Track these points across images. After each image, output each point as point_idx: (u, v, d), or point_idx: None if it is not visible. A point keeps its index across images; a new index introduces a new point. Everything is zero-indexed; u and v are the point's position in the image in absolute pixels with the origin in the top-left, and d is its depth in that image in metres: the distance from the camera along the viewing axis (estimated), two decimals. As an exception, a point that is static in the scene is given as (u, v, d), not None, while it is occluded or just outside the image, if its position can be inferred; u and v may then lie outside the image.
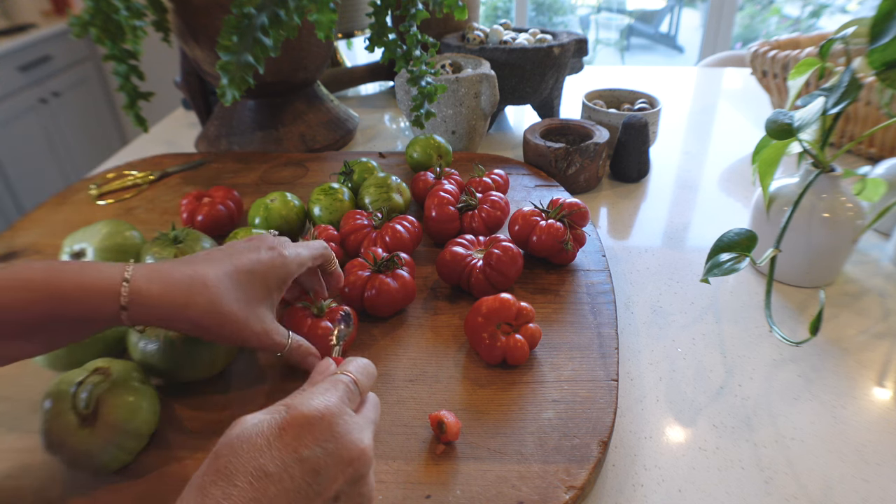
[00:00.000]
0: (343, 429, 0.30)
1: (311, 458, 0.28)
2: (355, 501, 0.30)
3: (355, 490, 0.30)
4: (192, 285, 0.38)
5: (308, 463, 0.28)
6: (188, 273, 0.38)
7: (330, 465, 0.28)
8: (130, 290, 0.36)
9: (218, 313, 0.38)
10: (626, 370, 0.51)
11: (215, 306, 0.38)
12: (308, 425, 0.29)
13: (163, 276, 0.37)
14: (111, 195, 0.79)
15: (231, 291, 0.39)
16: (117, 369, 0.41)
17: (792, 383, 0.49)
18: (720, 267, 0.51)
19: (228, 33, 0.60)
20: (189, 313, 0.37)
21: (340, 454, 0.29)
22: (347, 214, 0.62)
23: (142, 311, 0.36)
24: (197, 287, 0.38)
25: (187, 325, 0.38)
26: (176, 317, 0.37)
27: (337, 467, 0.29)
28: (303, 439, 0.28)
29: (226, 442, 0.28)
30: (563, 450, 0.40)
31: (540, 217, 0.59)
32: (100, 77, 2.64)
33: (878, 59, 0.49)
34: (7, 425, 0.45)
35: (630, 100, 0.91)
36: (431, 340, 0.51)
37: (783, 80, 0.90)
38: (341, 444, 0.29)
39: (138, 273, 0.37)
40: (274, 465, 0.27)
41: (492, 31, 0.97)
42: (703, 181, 0.83)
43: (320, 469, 0.28)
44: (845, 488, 0.40)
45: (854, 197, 0.57)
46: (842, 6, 3.58)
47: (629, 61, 4.49)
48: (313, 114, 0.94)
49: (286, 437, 0.28)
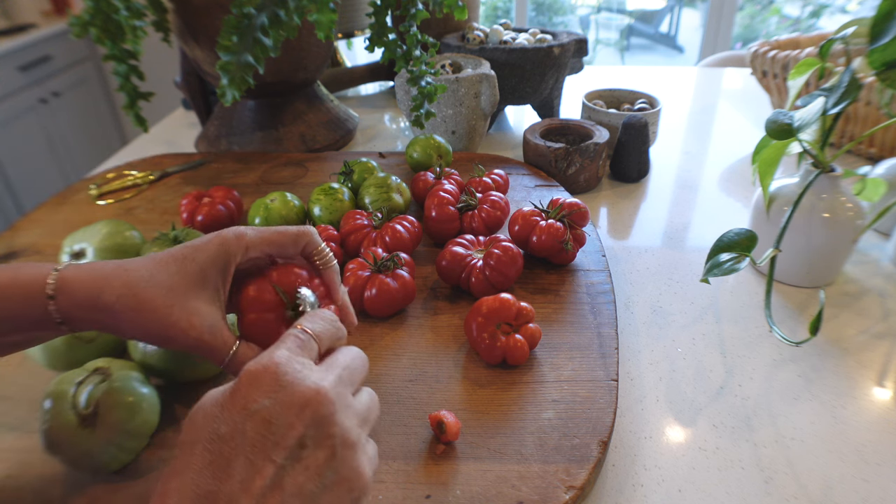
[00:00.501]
0: (291, 376, 0.28)
1: (261, 411, 0.27)
2: (326, 444, 0.28)
3: (322, 433, 0.28)
4: (113, 271, 0.34)
5: (258, 416, 0.27)
6: (116, 262, 0.35)
7: (281, 412, 0.27)
8: (58, 278, 0.33)
9: (133, 297, 0.33)
10: (626, 370, 0.51)
11: (131, 289, 0.34)
12: (255, 381, 0.28)
13: (92, 266, 0.35)
14: (111, 195, 0.79)
15: (154, 277, 0.34)
16: (117, 369, 0.41)
17: (792, 383, 0.49)
18: (720, 267, 0.51)
19: (228, 33, 0.60)
20: (104, 298, 0.33)
21: (291, 400, 0.28)
22: (347, 214, 0.62)
23: (68, 303, 0.33)
24: (116, 272, 0.34)
25: (104, 315, 0.34)
26: (94, 305, 0.34)
27: (290, 413, 0.28)
28: (251, 395, 0.28)
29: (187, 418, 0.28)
30: (563, 450, 0.40)
31: (540, 217, 0.59)
32: (100, 77, 2.64)
33: (878, 59, 0.49)
34: (7, 425, 0.45)
35: (630, 100, 0.91)
36: (431, 340, 0.51)
37: (783, 80, 0.90)
38: (291, 391, 0.28)
39: (71, 265, 0.35)
40: (226, 426, 0.27)
41: (492, 31, 0.97)
42: (703, 181, 0.83)
43: (272, 419, 0.27)
44: (845, 488, 0.41)
45: (854, 197, 0.57)
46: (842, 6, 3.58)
47: (629, 61, 4.49)
48: (313, 114, 0.94)
49: (236, 397, 0.28)
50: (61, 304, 0.33)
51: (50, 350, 0.46)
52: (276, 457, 0.27)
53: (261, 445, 0.27)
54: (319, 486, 0.27)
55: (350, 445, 0.29)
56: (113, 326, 0.34)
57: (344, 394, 0.30)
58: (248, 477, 0.26)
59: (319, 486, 0.27)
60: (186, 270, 0.35)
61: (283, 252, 0.38)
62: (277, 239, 0.38)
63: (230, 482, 0.26)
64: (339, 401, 0.30)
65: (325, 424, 0.28)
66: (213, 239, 0.36)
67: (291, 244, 0.38)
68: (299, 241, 0.38)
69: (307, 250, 0.39)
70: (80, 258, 0.54)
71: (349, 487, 0.28)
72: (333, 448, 0.28)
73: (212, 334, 0.35)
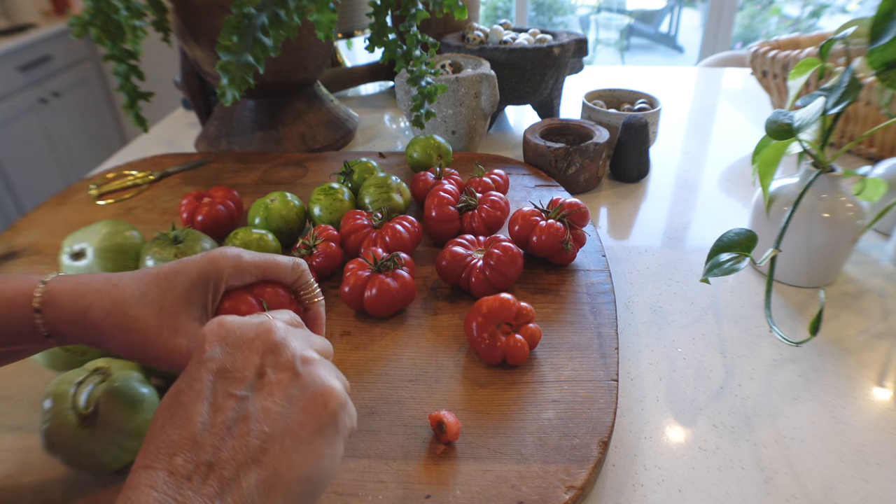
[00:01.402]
0: (237, 322, 0.29)
1: (214, 358, 0.28)
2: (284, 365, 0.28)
3: (279, 357, 0.28)
4: (102, 287, 0.34)
5: (211, 362, 0.28)
6: (104, 277, 0.35)
7: (233, 352, 0.28)
8: (45, 291, 0.33)
9: (122, 315, 0.33)
10: (626, 370, 0.51)
11: (119, 307, 0.33)
12: (203, 339, 0.29)
13: (79, 279, 0.34)
14: (111, 195, 0.79)
15: (144, 294, 0.34)
16: (117, 369, 0.41)
17: (792, 383, 0.49)
18: (720, 267, 0.51)
19: (228, 33, 0.60)
20: (91, 316, 0.33)
21: (240, 339, 0.29)
22: (347, 214, 0.62)
23: (54, 316, 0.33)
24: (105, 288, 0.34)
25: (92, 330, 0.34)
26: (81, 320, 0.33)
27: (242, 349, 0.28)
28: (202, 350, 0.28)
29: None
30: (563, 450, 0.40)
31: (540, 217, 0.59)
32: (100, 77, 2.64)
33: (878, 59, 0.49)
34: (7, 425, 0.45)
35: (630, 100, 0.91)
36: (431, 340, 0.51)
37: (783, 80, 0.90)
38: (238, 333, 0.29)
39: (58, 277, 0.34)
40: (183, 382, 0.27)
41: (492, 31, 0.97)
42: (703, 181, 0.83)
43: (225, 361, 0.28)
44: (845, 488, 0.40)
45: (854, 197, 0.57)
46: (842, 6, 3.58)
47: (629, 61, 4.49)
48: (313, 114, 0.94)
49: (192, 359, 0.28)
50: (48, 317, 0.33)
51: (50, 350, 0.46)
52: (235, 391, 0.27)
53: (220, 385, 0.27)
54: (286, 405, 0.27)
55: (309, 361, 0.29)
56: (99, 342, 0.34)
57: (293, 330, 0.31)
58: (210, 416, 0.26)
59: (286, 405, 0.27)
60: (176, 288, 0.35)
61: (277, 279, 0.39)
62: (273, 268, 0.38)
63: (191, 425, 0.26)
64: (289, 331, 0.30)
65: (280, 349, 0.29)
66: (206, 255, 0.36)
67: (286, 274, 0.38)
68: (294, 272, 0.39)
69: (297, 283, 0.39)
70: (80, 258, 0.54)
71: (322, 403, 0.28)
72: (293, 367, 0.28)
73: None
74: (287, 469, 0.26)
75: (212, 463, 0.25)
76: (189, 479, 0.24)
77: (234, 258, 0.36)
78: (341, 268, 0.58)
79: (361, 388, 0.46)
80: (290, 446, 0.26)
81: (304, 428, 0.27)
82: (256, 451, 0.26)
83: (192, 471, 0.24)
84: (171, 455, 0.25)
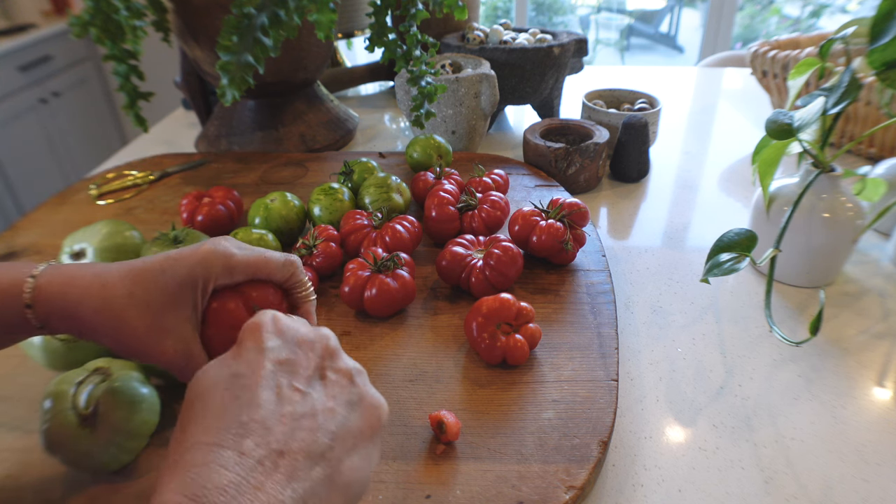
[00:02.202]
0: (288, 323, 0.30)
1: (274, 348, 0.28)
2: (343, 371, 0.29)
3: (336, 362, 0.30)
4: (91, 283, 0.33)
5: (273, 352, 0.28)
6: (93, 271, 0.34)
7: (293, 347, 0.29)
8: (35, 287, 0.33)
9: (109, 313, 0.33)
10: (626, 370, 0.51)
11: (107, 304, 0.33)
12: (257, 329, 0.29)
13: (70, 272, 0.34)
14: (111, 195, 0.79)
15: (131, 295, 0.33)
16: (117, 369, 0.41)
17: (792, 383, 0.49)
18: (720, 267, 0.51)
19: (228, 33, 0.60)
20: (81, 312, 0.33)
21: (298, 337, 0.29)
22: (347, 214, 0.62)
23: (45, 311, 0.33)
24: (94, 285, 0.33)
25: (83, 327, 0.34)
26: (71, 316, 0.33)
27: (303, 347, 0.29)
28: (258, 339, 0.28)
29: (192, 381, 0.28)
30: (563, 450, 0.40)
31: (540, 217, 0.59)
32: (100, 77, 2.64)
33: (878, 59, 0.49)
34: (7, 425, 0.45)
35: (630, 100, 0.91)
36: (431, 340, 0.51)
37: (783, 80, 0.90)
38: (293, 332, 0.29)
39: (47, 270, 0.34)
40: (243, 366, 0.27)
41: (492, 31, 0.97)
42: (703, 181, 0.83)
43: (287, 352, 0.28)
44: (845, 488, 0.40)
45: (854, 197, 0.57)
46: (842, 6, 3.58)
47: (629, 61, 4.49)
48: (313, 114, 0.94)
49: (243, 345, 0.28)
50: (39, 312, 0.33)
51: (50, 350, 0.46)
52: (299, 385, 0.27)
53: (284, 376, 0.27)
54: (348, 410, 0.28)
55: (362, 372, 0.30)
56: (89, 336, 0.34)
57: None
58: (277, 405, 0.26)
59: (348, 410, 0.28)
60: (164, 286, 0.34)
61: (268, 278, 0.38)
62: (264, 264, 0.37)
63: (260, 411, 0.25)
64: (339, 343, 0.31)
65: (337, 355, 0.30)
66: (197, 253, 0.35)
67: (277, 271, 0.37)
68: (286, 269, 0.38)
69: (290, 281, 0.38)
70: (80, 258, 0.54)
71: (378, 415, 0.29)
72: (351, 375, 0.29)
73: (184, 357, 0.35)
74: (347, 469, 0.27)
75: (282, 451, 0.25)
76: (261, 463, 0.24)
77: (223, 257, 0.35)
78: (341, 268, 0.58)
79: (361, 388, 0.46)
80: (350, 448, 0.27)
81: (362, 433, 0.28)
82: (324, 448, 0.26)
83: (263, 456, 0.24)
84: (240, 436, 0.24)
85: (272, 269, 0.37)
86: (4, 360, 0.51)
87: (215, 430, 0.25)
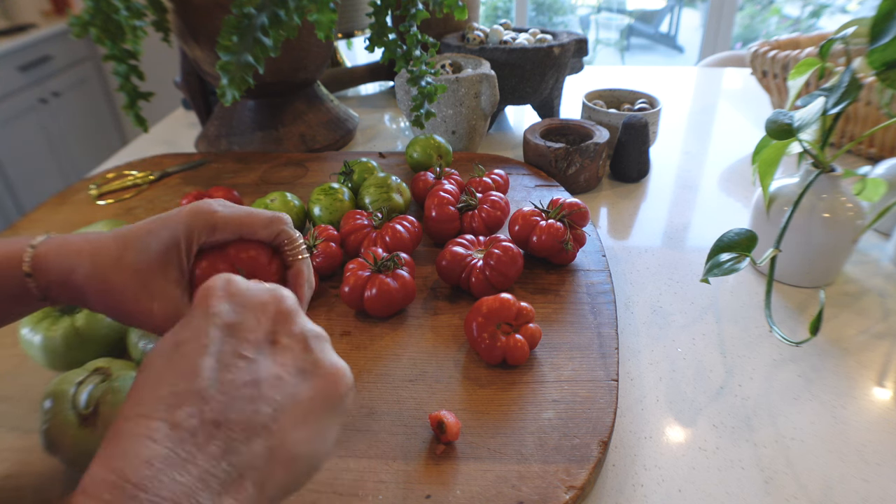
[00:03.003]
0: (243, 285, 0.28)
1: (222, 313, 0.26)
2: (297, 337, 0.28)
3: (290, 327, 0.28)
4: (82, 248, 0.33)
5: (219, 317, 0.26)
6: (87, 237, 0.34)
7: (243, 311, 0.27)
8: (34, 255, 0.33)
9: (100, 279, 0.33)
10: (626, 370, 0.51)
11: (97, 270, 0.33)
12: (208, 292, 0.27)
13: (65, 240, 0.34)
14: (111, 195, 0.79)
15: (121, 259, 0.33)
16: (117, 369, 0.41)
17: (792, 383, 0.49)
18: (720, 267, 0.51)
19: (228, 33, 0.60)
20: (74, 278, 0.33)
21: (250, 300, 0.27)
22: (347, 214, 0.62)
23: (45, 280, 0.33)
24: (85, 250, 0.33)
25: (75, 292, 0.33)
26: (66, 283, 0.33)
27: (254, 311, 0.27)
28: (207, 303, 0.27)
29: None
30: (563, 450, 0.40)
31: (540, 217, 0.59)
32: (100, 77, 2.64)
33: (878, 59, 0.49)
34: (7, 425, 0.45)
35: (630, 100, 0.91)
36: (431, 340, 0.51)
37: (783, 80, 0.90)
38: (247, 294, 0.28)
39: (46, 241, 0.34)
40: (188, 331, 0.26)
41: (492, 31, 0.97)
42: (703, 181, 0.83)
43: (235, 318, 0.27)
44: (845, 488, 0.40)
45: (854, 197, 0.57)
46: (842, 6, 3.58)
47: (629, 61, 4.49)
48: (313, 114, 0.94)
49: (194, 311, 0.27)
50: (39, 280, 0.33)
51: (50, 350, 0.46)
52: (245, 351, 0.26)
53: (228, 343, 0.26)
54: (298, 377, 0.26)
55: (322, 338, 0.29)
56: (84, 303, 0.34)
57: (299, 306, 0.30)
58: (218, 372, 0.25)
59: (298, 377, 0.26)
60: (151, 249, 0.33)
61: (253, 236, 0.36)
62: (249, 221, 0.35)
63: (198, 380, 0.24)
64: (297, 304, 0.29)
65: (291, 318, 0.28)
66: (180, 213, 0.34)
67: (263, 227, 0.36)
68: (272, 226, 0.36)
69: (279, 239, 0.36)
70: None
71: (334, 382, 0.27)
72: (305, 340, 0.28)
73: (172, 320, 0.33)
74: (293, 443, 0.25)
75: (219, 422, 0.23)
76: (193, 434, 0.23)
77: (206, 214, 0.34)
78: (341, 268, 0.58)
79: (361, 388, 0.46)
80: (299, 420, 0.25)
81: (314, 404, 0.26)
82: (266, 419, 0.24)
83: (196, 427, 0.23)
84: (173, 407, 0.23)
85: (257, 226, 0.35)
86: (4, 360, 0.51)
87: (147, 402, 0.24)
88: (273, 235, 0.36)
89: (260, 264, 0.36)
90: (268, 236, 0.36)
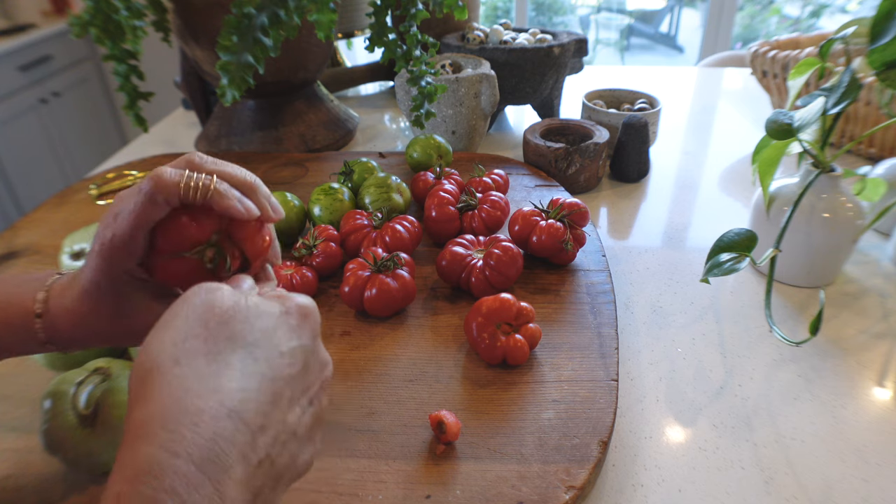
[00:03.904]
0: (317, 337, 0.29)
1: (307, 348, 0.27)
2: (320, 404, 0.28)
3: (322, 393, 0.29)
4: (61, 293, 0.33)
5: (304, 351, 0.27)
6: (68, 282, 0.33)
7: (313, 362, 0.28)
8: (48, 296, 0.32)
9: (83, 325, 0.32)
10: (626, 370, 0.51)
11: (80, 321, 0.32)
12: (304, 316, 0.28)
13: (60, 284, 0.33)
14: (111, 195, 0.79)
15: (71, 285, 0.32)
16: (117, 369, 0.41)
17: (792, 383, 0.49)
18: (720, 267, 0.51)
19: (228, 33, 0.60)
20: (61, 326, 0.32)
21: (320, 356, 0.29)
22: (347, 214, 0.62)
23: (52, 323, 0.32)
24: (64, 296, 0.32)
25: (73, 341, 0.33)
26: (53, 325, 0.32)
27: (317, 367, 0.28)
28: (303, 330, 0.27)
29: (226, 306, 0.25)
30: (563, 450, 0.40)
31: (540, 217, 0.59)
32: (100, 77, 2.64)
33: (878, 59, 0.49)
34: (7, 425, 0.45)
35: (630, 100, 0.91)
36: (431, 340, 0.51)
37: (783, 80, 0.90)
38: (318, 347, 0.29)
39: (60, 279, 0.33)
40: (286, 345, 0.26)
41: (492, 31, 0.97)
42: (703, 181, 0.83)
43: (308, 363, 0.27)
44: (845, 488, 0.40)
45: (854, 197, 0.57)
46: (842, 6, 3.58)
47: (629, 61, 4.49)
48: (313, 114, 0.94)
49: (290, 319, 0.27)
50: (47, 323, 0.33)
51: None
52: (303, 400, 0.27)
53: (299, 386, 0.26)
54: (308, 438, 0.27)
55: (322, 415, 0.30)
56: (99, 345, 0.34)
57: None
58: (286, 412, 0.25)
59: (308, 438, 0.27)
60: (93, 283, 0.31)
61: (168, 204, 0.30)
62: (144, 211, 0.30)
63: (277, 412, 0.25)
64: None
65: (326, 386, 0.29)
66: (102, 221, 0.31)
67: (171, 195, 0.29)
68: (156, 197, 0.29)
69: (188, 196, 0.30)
70: (80, 258, 0.54)
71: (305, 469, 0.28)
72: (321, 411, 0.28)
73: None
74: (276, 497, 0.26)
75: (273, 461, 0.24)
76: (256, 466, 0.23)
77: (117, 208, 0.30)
78: (341, 268, 0.58)
79: (361, 388, 0.46)
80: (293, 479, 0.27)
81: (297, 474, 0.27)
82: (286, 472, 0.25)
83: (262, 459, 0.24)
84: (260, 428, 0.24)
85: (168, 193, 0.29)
86: (5, 360, 0.51)
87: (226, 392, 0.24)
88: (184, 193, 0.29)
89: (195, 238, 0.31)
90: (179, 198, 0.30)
